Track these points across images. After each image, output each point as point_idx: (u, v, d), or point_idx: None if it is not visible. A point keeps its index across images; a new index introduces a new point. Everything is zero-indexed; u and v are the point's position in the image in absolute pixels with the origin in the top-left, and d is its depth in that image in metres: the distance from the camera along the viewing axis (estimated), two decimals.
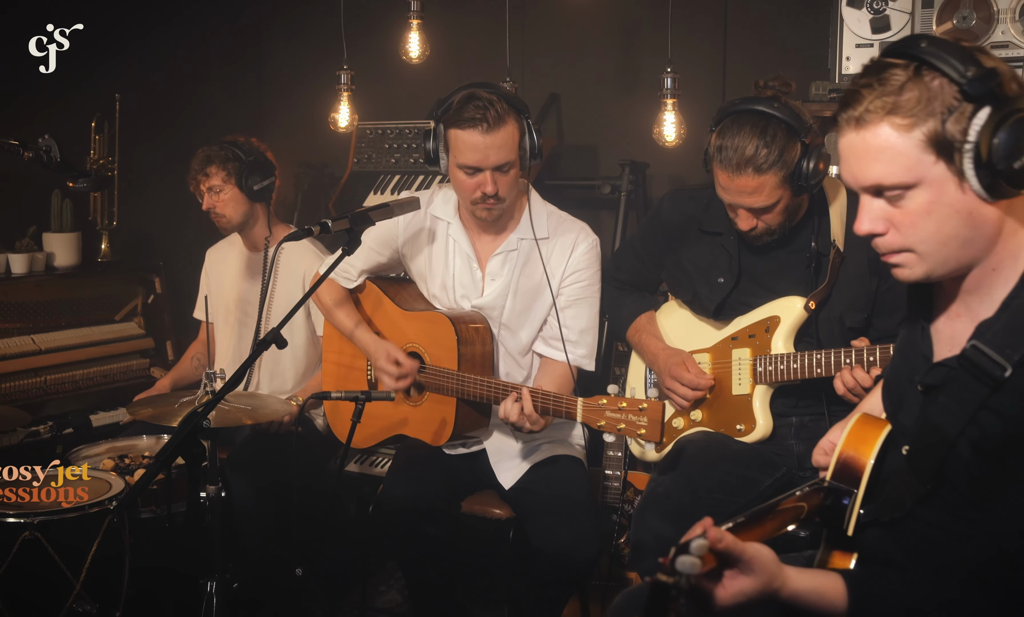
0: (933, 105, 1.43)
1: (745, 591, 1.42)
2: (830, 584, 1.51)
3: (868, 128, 1.47)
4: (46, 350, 3.67)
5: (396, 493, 2.69)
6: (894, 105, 1.45)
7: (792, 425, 2.61)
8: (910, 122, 1.44)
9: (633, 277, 2.92)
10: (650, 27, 4.00)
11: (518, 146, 2.69)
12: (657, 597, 1.23)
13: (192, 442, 2.20)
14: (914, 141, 1.44)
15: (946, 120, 1.43)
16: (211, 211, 3.46)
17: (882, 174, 1.48)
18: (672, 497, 2.42)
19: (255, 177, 3.42)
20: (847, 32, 3.32)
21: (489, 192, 2.66)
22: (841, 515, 1.68)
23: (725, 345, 2.67)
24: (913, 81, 1.44)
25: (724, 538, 1.39)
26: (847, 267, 2.53)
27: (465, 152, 2.65)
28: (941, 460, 1.55)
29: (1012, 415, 1.46)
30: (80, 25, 3.21)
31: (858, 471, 1.68)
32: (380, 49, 4.03)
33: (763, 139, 2.33)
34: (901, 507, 1.62)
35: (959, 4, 3.06)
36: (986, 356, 1.48)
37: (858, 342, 2.44)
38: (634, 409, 2.32)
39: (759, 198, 2.38)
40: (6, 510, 2.63)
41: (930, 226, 1.48)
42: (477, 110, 2.62)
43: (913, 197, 1.48)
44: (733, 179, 2.38)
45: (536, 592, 2.80)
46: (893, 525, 1.64)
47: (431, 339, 2.78)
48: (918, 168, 1.45)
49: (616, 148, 4.04)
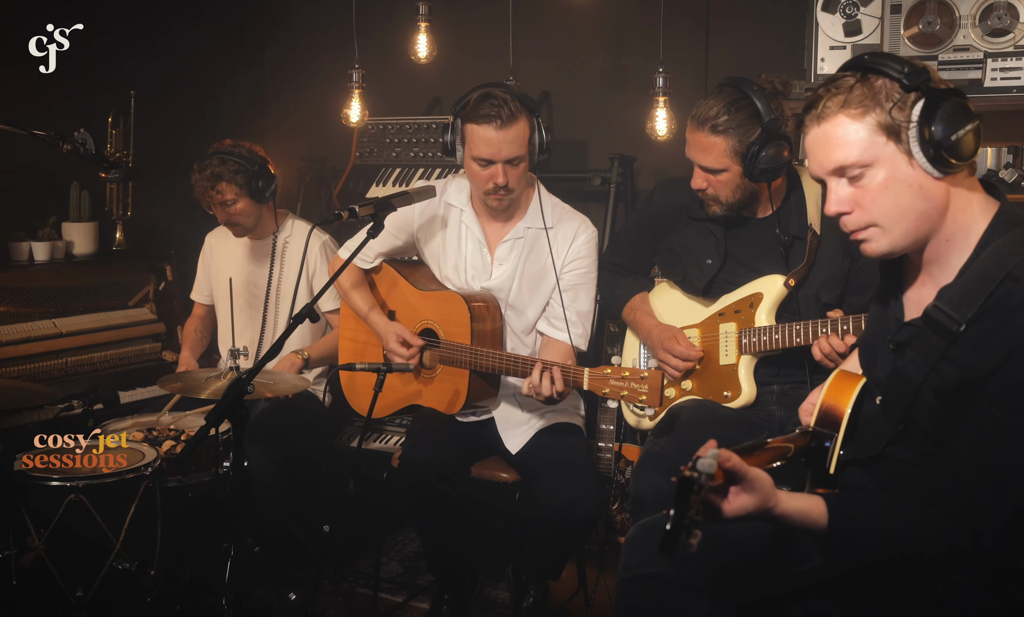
0: (879, 97, 1.74)
1: (746, 506, 1.68)
2: (814, 505, 1.77)
3: (827, 120, 1.78)
4: (66, 333, 3.85)
5: (415, 457, 2.93)
6: (846, 100, 1.75)
7: (774, 392, 2.88)
8: (861, 111, 1.74)
9: (627, 261, 3.18)
10: (636, 30, 4.26)
11: (528, 142, 2.93)
12: (683, 488, 1.50)
13: (238, 405, 2.42)
14: (866, 126, 1.74)
15: (891, 109, 1.73)
16: (228, 222, 3.64)
17: (843, 157, 1.77)
18: (668, 455, 2.68)
19: (263, 182, 3.58)
20: (822, 35, 3.59)
21: (500, 183, 2.90)
22: (824, 456, 1.95)
23: (713, 320, 2.93)
24: (861, 83, 1.76)
25: (732, 457, 1.66)
26: (823, 249, 2.80)
27: (480, 146, 2.89)
28: (908, 404, 1.82)
29: (966, 363, 1.73)
30: (80, 25, 3.25)
31: (838, 417, 1.95)
32: (381, 48, 4.25)
33: (727, 109, 2.65)
34: (876, 447, 1.89)
35: (924, 10, 3.33)
36: (944, 314, 1.75)
37: (833, 313, 2.71)
38: (636, 377, 2.57)
39: (708, 158, 2.68)
40: (52, 475, 2.84)
41: (889, 200, 1.76)
42: (492, 107, 2.86)
43: (872, 175, 1.76)
44: (694, 133, 2.70)
45: (540, 548, 3.04)
46: (869, 463, 1.91)
47: (445, 317, 3.02)
48: (872, 148, 1.75)
49: (603, 143, 4.28)
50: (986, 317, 1.70)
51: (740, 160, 2.67)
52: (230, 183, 3.54)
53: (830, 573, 1.87)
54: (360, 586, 3.65)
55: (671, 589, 1.93)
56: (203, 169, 3.58)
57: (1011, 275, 1.69)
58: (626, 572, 2.01)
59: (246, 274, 3.82)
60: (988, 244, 1.76)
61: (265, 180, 3.58)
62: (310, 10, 4.90)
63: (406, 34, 3.87)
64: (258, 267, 3.80)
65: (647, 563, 1.97)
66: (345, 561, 3.79)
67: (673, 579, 1.94)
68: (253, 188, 3.56)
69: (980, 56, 3.28)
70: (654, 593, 1.94)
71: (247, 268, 3.82)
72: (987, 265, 1.73)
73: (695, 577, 1.94)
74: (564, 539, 2.98)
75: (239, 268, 3.83)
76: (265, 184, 3.58)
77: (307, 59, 4.91)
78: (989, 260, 1.73)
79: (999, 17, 3.24)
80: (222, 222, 3.68)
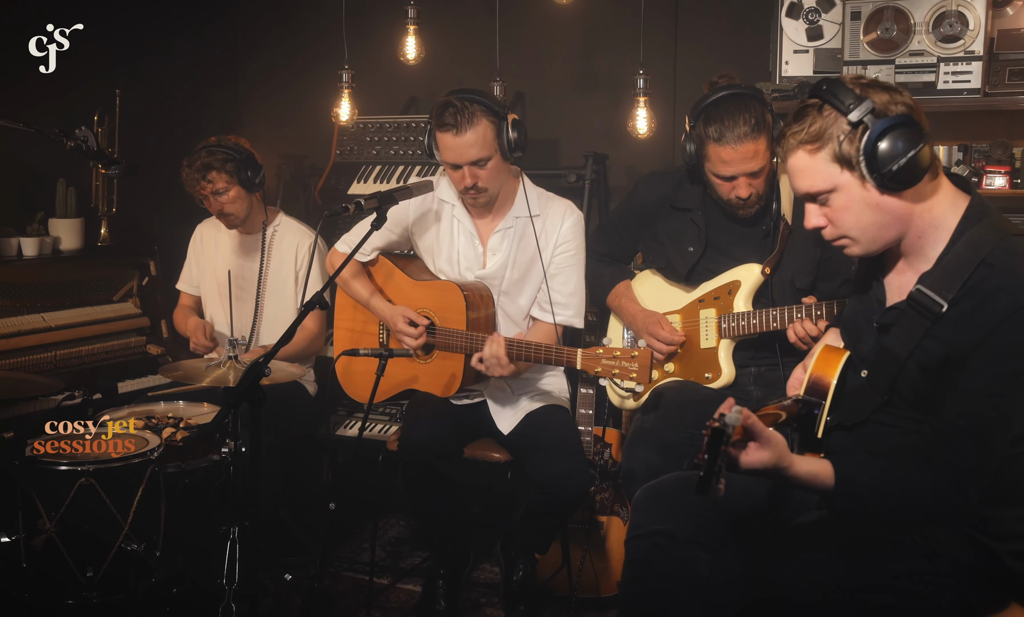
0: (831, 131, 1.97)
1: (762, 461, 1.88)
2: (822, 468, 1.98)
3: (791, 155, 2.03)
4: (55, 327, 3.92)
5: (416, 437, 3.08)
6: (805, 136, 1.99)
7: (751, 374, 3.09)
8: (817, 146, 1.99)
9: (612, 250, 3.37)
10: (606, 34, 4.45)
11: (494, 143, 3.07)
12: (715, 438, 1.69)
13: (256, 388, 2.56)
14: (823, 159, 1.99)
15: (842, 142, 1.96)
16: (220, 213, 3.74)
17: (808, 185, 2.03)
18: (656, 431, 2.87)
19: (252, 170, 3.69)
20: (786, 40, 3.82)
21: (468, 184, 3.08)
22: (812, 422, 2.15)
23: (693, 306, 3.13)
24: (818, 116, 1.98)
25: (752, 416, 1.85)
26: (795, 238, 3.01)
27: (444, 151, 3.07)
28: (894, 377, 2.03)
29: (949, 340, 1.95)
30: (80, 25, 3.33)
31: (825, 387, 2.15)
32: (361, 49, 4.39)
33: (748, 111, 2.82)
34: (862, 415, 2.11)
35: (882, 17, 3.57)
36: (928, 297, 1.97)
37: (807, 299, 2.93)
38: (627, 357, 2.76)
39: (758, 161, 2.85)
40: (62, 460, 2.94)
41: (851, 218, 2.02)
42: (451, 115, 3.02)
43: (834, 199, 2.01)
44: (737, 150, 2.82)
45: (531, 523, 3.21)
46: (854, 428, 2.12)
47: (441, 305, 3.17)
48: (831, 177, 1.99)
49: (575, 141, 4.48)
50: (965, 299, 1.93)
51: (771, 143, 2.85)
52: (220, 171, 3.65)
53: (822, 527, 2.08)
54: (345, 570, 3.80)
55: (677, 543, 2.12)
56: (192, 162, 3.68)
57: (986, 261, 1.92)
58: (636, 530, 2.19)
59: (236, 266, 3.92)
60: (963, 234, 1.99)
61: (253, 169, 3.70)
62: (285, 11, 5.03)
63: (384, 35, 4.02)
64: (248, 260, 3.91)
65: (655, 521, 2.16)
66: (329, 546, 3.93)
67: (678, 534, 2.13)
68: (243, 177, 3.67)
69: (933, 61, 3.53)
70: (662, 547, 2.13)
71: (237, 260, 3.93)
72: (963, 252, 1.96)
73: (698, 532, 2.13)
74: (555, 513, 3.15)
75: (229, 260, 3.93)
76: (254, 173, 3.70)
77: (284, 59, 5.04)
78: (965, 248, 1.96)
79: (950, 24, 3.49)
80: (214, 213, 3.77)
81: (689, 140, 2.93)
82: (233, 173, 3.66)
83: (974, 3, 3.45)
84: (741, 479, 1.93)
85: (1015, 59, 3.56)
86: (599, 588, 3.53)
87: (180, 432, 3.26)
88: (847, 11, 3.63)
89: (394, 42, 3.99)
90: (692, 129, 2.91)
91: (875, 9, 3.58)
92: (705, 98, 2.89)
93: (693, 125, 2.90)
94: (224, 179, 3.66)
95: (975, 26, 3.45)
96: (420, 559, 3.90)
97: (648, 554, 2.14)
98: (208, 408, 3.49)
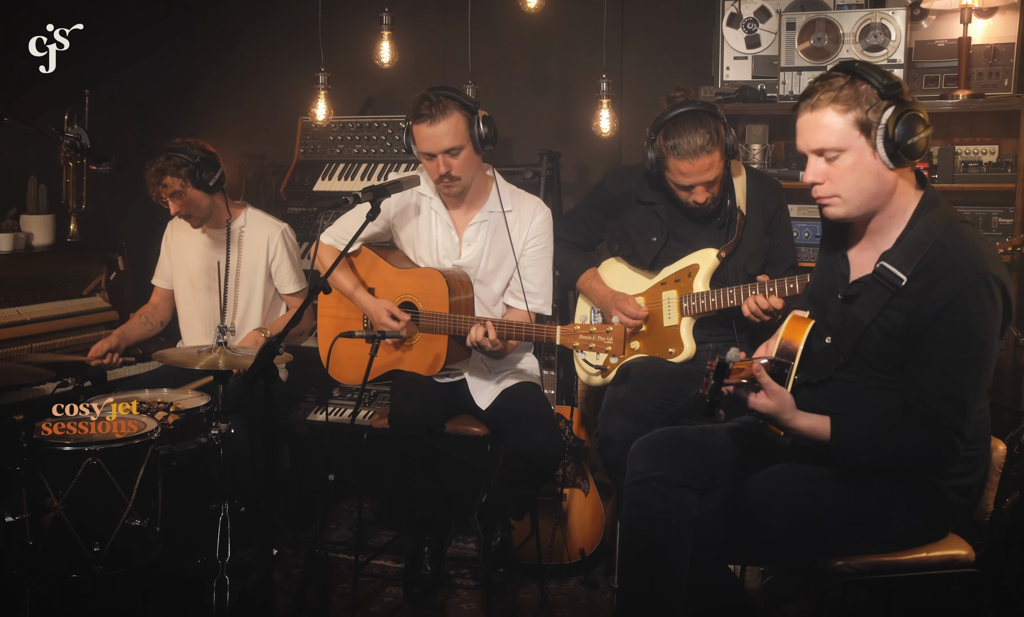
0: (860, 99, 2.26)
1: (768, 407, 2.23)
2: (820, 423, 2.34)
3: (818, 109, 2.30)
4: (30, 320, 4.03)
5: (408, 411, 3.30)
6: (835, 97, 2.28)
7: (709, 349, 3.41)
8: (845, 108, 2.27)
9: (579, 239, 3.67)
10: (555, 40, 4.75)
11: (466, 134, 3.33)
12: (719, 370, 2.03)
13: (270, 365, 2.76)
14: (847, 121, 2.28)
15: (868, 111, 2.26)
16: (179, 213, 3.88)
17: (824, 140, 2.31)
18: (629, 400, 3.17)
19: (208, 173, 3.83)
20: (727, 46, 4.18)
21: (442, 171, 3.33)
22: (782, 380, 2.46)
23: (656, 288, 3.45)
24: (849, 84, 2.28)
25: (764, 373, 2.26)
26: (748, 228, 3.35)
27: (420, 141, 3.34)
28: (857, 340, 2.38)
29: (908, 309, 2.30)
30: (80, 25, 3.45)
31: (794, 349, 2.48)
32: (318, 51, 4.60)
33: (704, 127, 3.13)
34: (826, 373, 2.44)
35: (814, 28, 3.95)
36: (890, 271, 2.32)
37: (761, 277, 3.26)
38: (602, 331, 3.04)
39: (713, 171, 3.17)
40: (66, 441, 3.09)
41: (852, 179, 2.32)
42: (426, 107, 3.29)
43: (843, 158, 2.31)
44: (694, 163, 3.14)
45: (509, 492, 3.48)
46: (820, 385, 2.45)
47: (424, 291, 3.42)
48: (848, 138, 2.29)
49: (527, 140, 4.76)
50: (923, 275, 2.28)
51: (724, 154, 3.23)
52: (175, 176, 3.79)
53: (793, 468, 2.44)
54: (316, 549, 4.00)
55: (671, 487, 2.44)
56: (150, 167, 3.84)
57: (938, 242, 2.28)
58: (633, 477, 2.50)
59: (205, 260, 4.07)
60: (919, 219, 2.34)
61: (209, 171, 3.83)
62: (246, 14, 5.21)
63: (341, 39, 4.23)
64: (216, 253, 4.07)
65: (651, 469, 2.48)
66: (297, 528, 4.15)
67: (671, 479, 2.44)
68: (197, 179, 3.81)
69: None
70: (658, 491, 2.45)
71: (206, 254, 4.08)
72: (920, 234, 2.32)
73: (688, 477, 2.46)
74: (532, 479, 3.42)
75: (199, 254, 4.08)
76: (209, 175, 3.83)
77: (246, 60, 5.22)
78: (921, 230, 2.32)
79: (875, 35, 3.88)
80: (174, 214, 3.91)
81: (650, 149, 3.23)
82: (187, 177, 3.80)
83: (895, 17, 3.85)
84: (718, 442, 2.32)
85: (930, 67, 3.99)
86: (563, 556, 3.82)
87: (172, 415, 3.43)
88: (783, 22, 4.00)
89: (352, 45, 4.20)
90: (653, 141, 3.22)
91: (808, 21, 3.95)
92: (665, 114, 3.20)
93: (653, 138, 3.22)
94: (179, 183, 3.80)
95: (896, 37, 3.85)
96: (389, 537, 4.14)
97: (646, 497, 2.45)
98: (192, 394, 3.66)
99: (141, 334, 4.17)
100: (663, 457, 2.50)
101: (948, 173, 3.85)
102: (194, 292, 4.10)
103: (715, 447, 2.59)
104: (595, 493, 3.86)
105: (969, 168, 3.87)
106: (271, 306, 4.11)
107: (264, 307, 4.07)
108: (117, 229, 4.61)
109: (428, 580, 3.47)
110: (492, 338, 3.20)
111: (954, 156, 3.86)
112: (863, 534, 2.39)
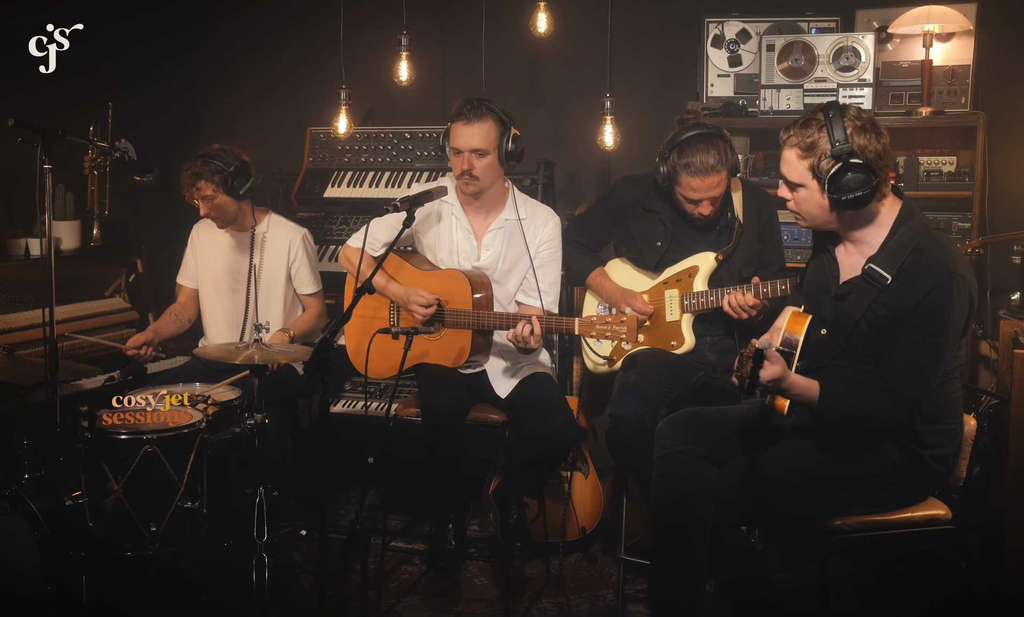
0: (818, 149, 2.70)
1: (774, 371, 2.59)
2: (812, 385, 2.71)
3: (787, 148, 2.77)
4: (60, 320, 4.23)
5: (441, 400, 3.61)
6: (799, 142, 2.72)
7: (707, 342, 3.78)
8: (804, 153, 2.73)
9: (588, 240, 4.02)
10: (549, 57, 5.09)
11: (495, 142, 3.69)
12: (758, 357, 2.42)
13: (327, 358, 3.05)
14: (805, 164, 2.73)
15: (822, 161, 2.69)
16: (208, 214, 4.15)
17: (788, 174, 2.78)
18: (639, 384, 3.54)
19: (239, 181, 4.10)
20: (711, 65, 4.56)
21: (464, 167, 3.67)
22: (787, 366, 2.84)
23: (659, 287, 3.81)
24: (818, 132, 2.70)
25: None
26: (744, 235, 3.73)
27: (453, 137, 3.70)
28: (850, 332, 2.77)
29: (893, 305, 2.70)
30: (80, 25, 3.51)
31: (796, 340, 2.85)
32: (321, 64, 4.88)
33: (715, 149, 3.51)
34: (824, 360, 2.83)
35: (792, 50, 4.34)
36: (877, 272, 2.72)
37: (754, 279, 3.63)
38: (617, 321, 3.38)
39: (720, 188, 3.56)
40: (122, 430, 3.35)
41: (807, 207, 2.80)
42: (467, 108, 3.67)
43: (799, 191, 2.78)
44: (705, 180, 3.51)
45: (526, 472, 3.80)
46: (818, 370, 2.83)
47: (448, 289, 3.74)
48: (803, 177, 2.75)
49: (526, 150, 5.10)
50: (903, 275, 2.69)
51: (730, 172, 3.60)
52: (208, 181, 4.06)
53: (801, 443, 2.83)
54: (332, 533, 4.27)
55: (695, 459, 2.82)
56: (187, 169, 4.10)
57: (917, 247, 2.69)
58: (662, 451, 2.89)
59: (229, 262, 4.33)
60: (900, 227, 2.75)
61: (241, 179, 4.10)
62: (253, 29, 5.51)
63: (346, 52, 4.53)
64: (240, 256, 4.33)
65: (676, 444, 2.86)
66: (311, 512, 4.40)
67: (695, 452, 2.83)
68: (229, 185, 4.08)
69: (834, 86, 4.32)
70: (684, 462, 2.84)
71: (230, 256, 4.34)
72: (901, 240, 2.73)
73: (709, 450, 2.86)
74: (548, 461, 3.75)
75: (223, 256, 4.34)
76: (240, 183, 4.10)
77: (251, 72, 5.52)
78: (902, 237, 2.73)
79: (847, 57, 4.28)
80: (203, 215, 4.17)
81: (663, 165, 3.59)
82: (220, 183, 4.07)
83: (865, 40, 4.26)
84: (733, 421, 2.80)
85: (895, 85, 4.42)
86: (565, 533, 4.15)
87: (210, 407, 3.70)
88: (763, 43, 4.39)
89: (354, 58, 4.51)
90: (667, 158, 3.58)
91: (786, 43, 4.34)
92: (678, 134, 3.56)
93: (667, 155, 3.57)
94: (211, 188, 4.07)
95: (866, 59, 4.26)
96: (403, 523, 4.44)
97: (673, 467, 2.84)
98: (223, 388, 3.92)
99: (172, 330, 4.42)
100: (687, 434, 2.90)
101: (912, 181, 4.27)
102: (218, 292, 4.36)
103: (730, 425, 2.99)
104: (594, 475, 4.21)
105: (931, 177, 4.31)
106: (290, 306, 4.39)
107: (284, 307, 4.34)
108: (137, 233, 4.84)
109: (453, 554, 3.79)
110: (537, 334, 3.51)
111: (917, 166, 4.29)
112: (860, 498, 2.78)
